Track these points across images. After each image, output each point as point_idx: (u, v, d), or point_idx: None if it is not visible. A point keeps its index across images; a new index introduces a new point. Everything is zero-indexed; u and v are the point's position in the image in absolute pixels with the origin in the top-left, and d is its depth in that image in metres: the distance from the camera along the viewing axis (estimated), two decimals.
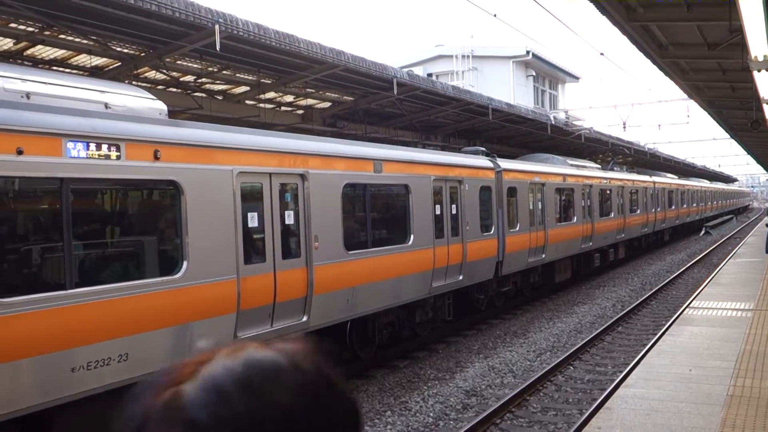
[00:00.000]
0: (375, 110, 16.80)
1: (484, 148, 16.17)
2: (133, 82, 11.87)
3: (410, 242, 11.39)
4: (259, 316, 8.16)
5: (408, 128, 19.40)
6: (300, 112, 16.23)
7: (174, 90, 12.91)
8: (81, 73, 11.21)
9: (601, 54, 16.19)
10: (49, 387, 5.88)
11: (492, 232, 14.41)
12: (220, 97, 14.04)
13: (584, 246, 20.53)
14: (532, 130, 22.68)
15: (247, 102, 14.52)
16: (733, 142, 38.30)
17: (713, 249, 31.91)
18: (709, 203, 51.45)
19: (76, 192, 6.38)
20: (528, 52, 34.06)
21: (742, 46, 9.46)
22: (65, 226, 6.15)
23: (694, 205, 43.16)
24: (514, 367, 11.19)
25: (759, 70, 9.12)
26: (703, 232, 43.59)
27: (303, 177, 8.97)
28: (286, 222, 8.74)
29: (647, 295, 17.94)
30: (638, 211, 27.78)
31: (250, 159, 8.14)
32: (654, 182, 31.40)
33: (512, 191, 15.60)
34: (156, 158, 6.89)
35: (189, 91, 13.12)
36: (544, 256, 17.17)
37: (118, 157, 6.55)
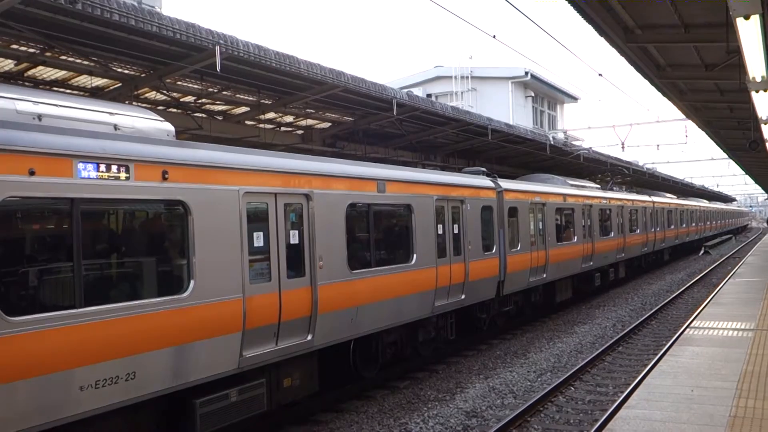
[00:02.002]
0: (374, 130, 16.86)
1: (484, 169, 16.23)
2: (134, 103, 11.93)
3: (413, 261, 11.43)
4: (265, 335, 8.17)
5: (407, 148, 19.46)
6: (300, 132, 16.28)
7: (174, 110, 12.96)
8: (84, 94, 11.27)
9: (600, 75, 16.27)
10: (58, 405, 5.93)
11: (494, 251, 14.44)
12: (220, 118, 14.10)
13: (585, 265, 20.55)
14: (531, 150, 22.76)
15: (247, 122, 14.58)
16: (731, 162, 38.45)
17: (713, 269, 31.87)
18: (708, 223, 51.68)
19: (86, 212, 6.42)
20: (527, 73, 34.25)
21: (740, 66, 9.52)
22: (75, 245, 6.20)
23: (693, 224, 43.29)
24: (515, 387, 11.12)
25: (757, 91, 9.15)
26: (702, 251, 43.57)
27: (307, 197, 9.05)
28: (291, 241, 8.74)
29: (647, 314, 17.88)
30: (638, 231, 27.89)
31: (256, 179, 8.21)
32: (653, 202, 31.52)
33: (513, 211, 15.66)
34: (164, 179, 7.00)
35: (189, 112, 13.17)
36: (545, 275, 17.21)
37: (128, 178, 6.66)
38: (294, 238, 8.80)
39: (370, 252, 10.56)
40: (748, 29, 6.74)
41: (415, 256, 11.47)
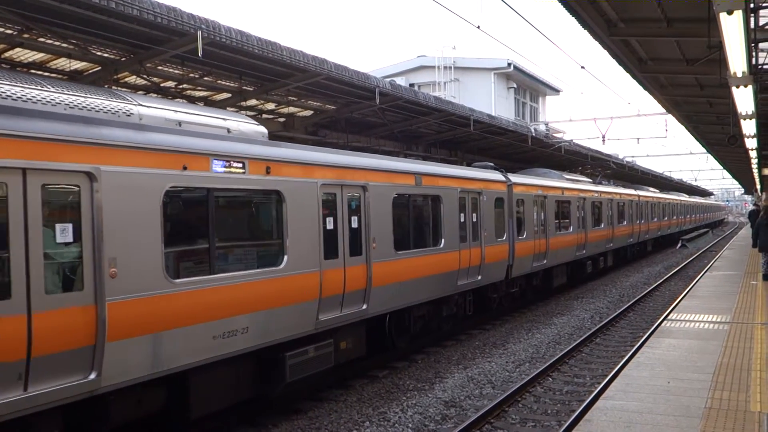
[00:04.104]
0: (357, 119, 16.79)
1: (492, 164, 17.83)
2: (114, 87, 11.76)
3: (442, 245, 13.04)
4: (334, 303, 9.74)
5: (390, 138, 19.41)
6: (281, 120, 16.17)
7: (154, 95, 12.80)
8: (64, 77, 11.08)
9: (582, 67, 16.31)
10: (201, 349, 7.48)
11: (504, 238, 16.05)
12: (201, 104, 13.95)
13: (578, 254, 22.23)
14: (512, 141, 22.81)
15: (229, 109, 14.42)
16: (710, 156, 38.87)
17: (689, 262, 32.26)
18: (689, 216, 53.41)
19: (217, 199, 7.96)
20: (509, 65, 34.29)
21: (720, 62, 9.60)
22: (210, 226, 7.81)
23: (675, 217, 45.07)
24: (493, 377, 11.19)
25: (738, 86, 9.24)
26: (679, 245, 44.09)
27: (364, 188, 10.65)
28: (352, 225, 10.31)
29: (625, 306, 18.06)
30: (625, 223, 29.34)
31: (329, 173, 9.80)
32: (639, 196, 32.97)
33: (520, 202, 17.34)
34: (267, 172, 8.58)
35: (170, 97, 13.00)
36: (545, 261, 18.84)
37: (243, 172, 8.23)
38: (354, 223, 10.37)
39: (409, 236, 12.14)
40: (730, 24, 6.78)
41: (443, 240, 13.06)
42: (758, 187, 45.13)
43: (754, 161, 26.85)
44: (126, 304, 6.62)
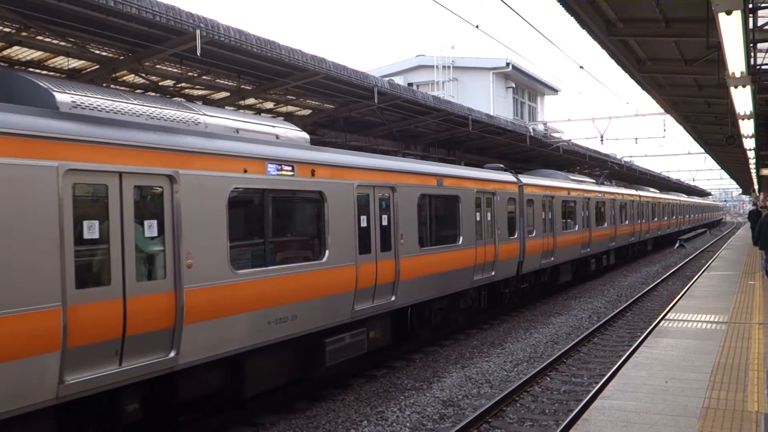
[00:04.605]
0: (355, 119, 16.79)
1: (503, 165, 18.43)
2: (112, 86, 11.75)
3: (460, 242, 13.85)
4: (367, 295, 10.57)
5: (388, 137, 19.41)
6: (280, 119, 16.15)
7: (152, 94, 12.79)
8: (62, 76, 11.06)
9: (581, 67, 16.33)
10: (258, 332, 8.30)
11: (515, 236, 16.88)
12: (199, 102, 13.95)
13: (583, 252, 23.10)
14: (511, 141, 22.82)
15: (227, 108, 14.43)
16: (708, 156, 38.91)
17: (687, 262, 32.30)
18: (688, 216, 54.41)
19: (271, 199, 8.86)
20: (508, 64, 34.30)
21: (719, 62, 9.61)
22: (265, 223, 8.74)
23: (674, 217, 46.12)
24: (491, 377, 11.19)
25: (736, 86, 9.24)
26: (677, 245, 44.15)
27: (393, 189, 11.47)
28: (383, 223, 11.15)
29: (623, 306, 18.08)
30: (627, 222, 30.08)
31: (363, 175, 10.65)
32: (640, 196, 33.74)
33: (530, 202, 18.15)
34: (312, 175, 9.42)
35: (168, 96, 12.99)
36: (552, 258, 19.70)
37: (292, 175, 9.05)
38: (384, 221, 11.19)
39: (431, 233, 12.92)
40: (729, 25, 6.78)
41: (461, 238, 13.90)
42: (756, 187, 45.19)
43: (752, 161, 26.88)
44: (199, 292, 7.43)
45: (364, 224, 10.56)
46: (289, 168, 8.95)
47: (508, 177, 17.19)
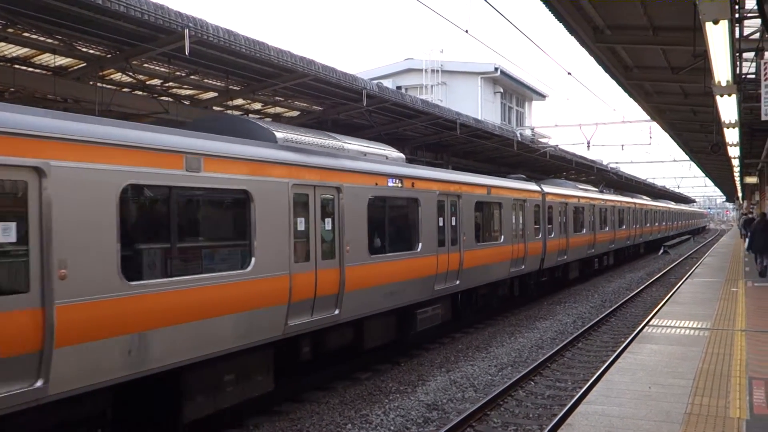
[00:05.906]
0: (343, 121, 16.77)
1: (524, 176, 21.94)
2: (99, 84, 11.67)
3: (502, 240, 16.87)
4: (441, 279, 13.48)
5: (376, 140, 19.29)
6: (268, 120, 16.10)
7: (140, 93, 12.72)
8: (48, 73, 10.96)
9: (569, 73, 16.41)
10: (375, 303, 11.19)
11: (539, 237, 19.96)
12: (187, 102, 13.88)
13: (589, 252, 26.32)
14: (498, 146, 22.89)
15: (215, 108, 14.37)
16: (693, 164, 39.22)
17: (671, 268, 32.52)
18: (675, 222, 57.21)
19: (390, 205, 11.94)
20: (496, 69, 34.38)
21: (705, 70, 9.68)
22: (386, 222, 11.79)
23: (663, 223, 49.41)
24: (476, 381, 11.20)
25: (722, 95, 9.31)
26: (661, 251, 44.45)
27: (459, 196, 14.38)
28: (451, 224, 14.01)
29: (607, 312, 18.17)
30: (624, 227, 33.14)
31: (441, 186, 13.67)
32: (635, 203, 36.78)
33: (550, 209, 21.27)
34: (412, 186, 12.46)
35: (155, 95, 12.91)
36: (566, 257, 22.88)
37: (401, 186, 12.09)
38: (452, 222, 14.06)
39: (481, 232, 15.87)
40: (716, 34, 6.84)
41: (502, 236, 16.92)
42: (740, 195, 45.55)
43: (737, 169, 27.13)
44: (353, 269, 10.38)
45: (441, 224, 13.49)
46: (399, 181, 11.98)
47: (534, 186, 20.35)
